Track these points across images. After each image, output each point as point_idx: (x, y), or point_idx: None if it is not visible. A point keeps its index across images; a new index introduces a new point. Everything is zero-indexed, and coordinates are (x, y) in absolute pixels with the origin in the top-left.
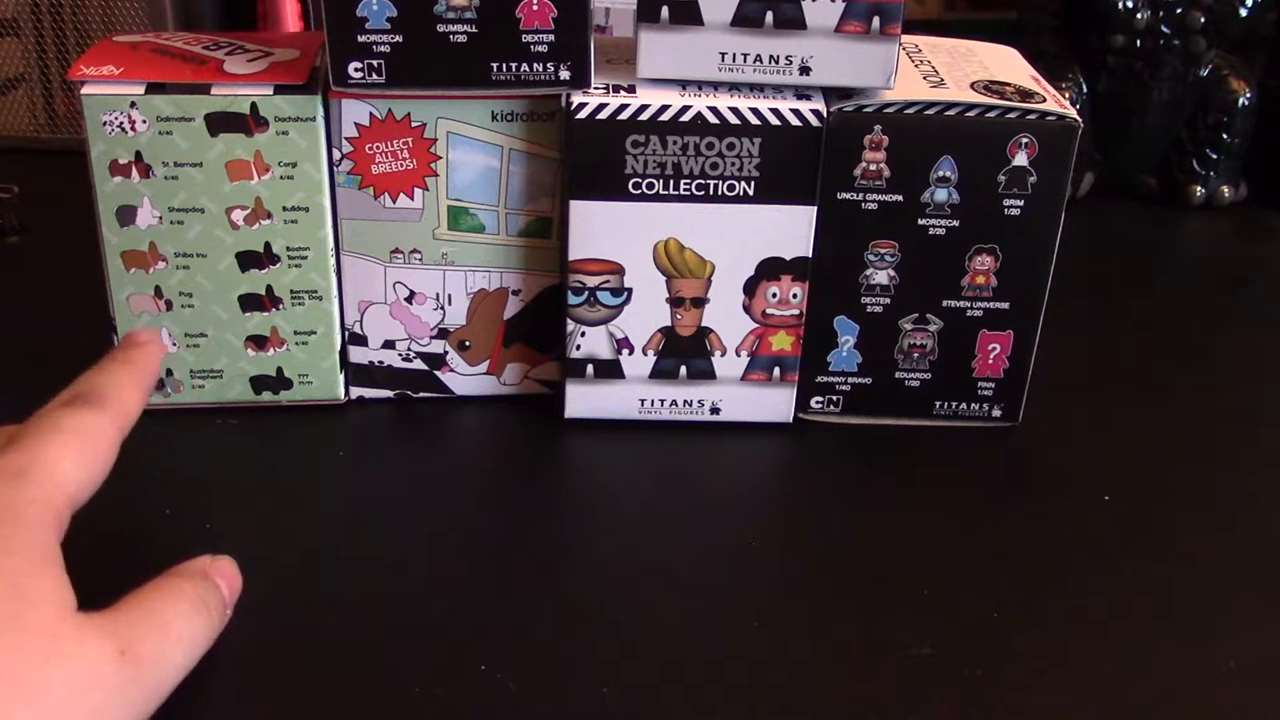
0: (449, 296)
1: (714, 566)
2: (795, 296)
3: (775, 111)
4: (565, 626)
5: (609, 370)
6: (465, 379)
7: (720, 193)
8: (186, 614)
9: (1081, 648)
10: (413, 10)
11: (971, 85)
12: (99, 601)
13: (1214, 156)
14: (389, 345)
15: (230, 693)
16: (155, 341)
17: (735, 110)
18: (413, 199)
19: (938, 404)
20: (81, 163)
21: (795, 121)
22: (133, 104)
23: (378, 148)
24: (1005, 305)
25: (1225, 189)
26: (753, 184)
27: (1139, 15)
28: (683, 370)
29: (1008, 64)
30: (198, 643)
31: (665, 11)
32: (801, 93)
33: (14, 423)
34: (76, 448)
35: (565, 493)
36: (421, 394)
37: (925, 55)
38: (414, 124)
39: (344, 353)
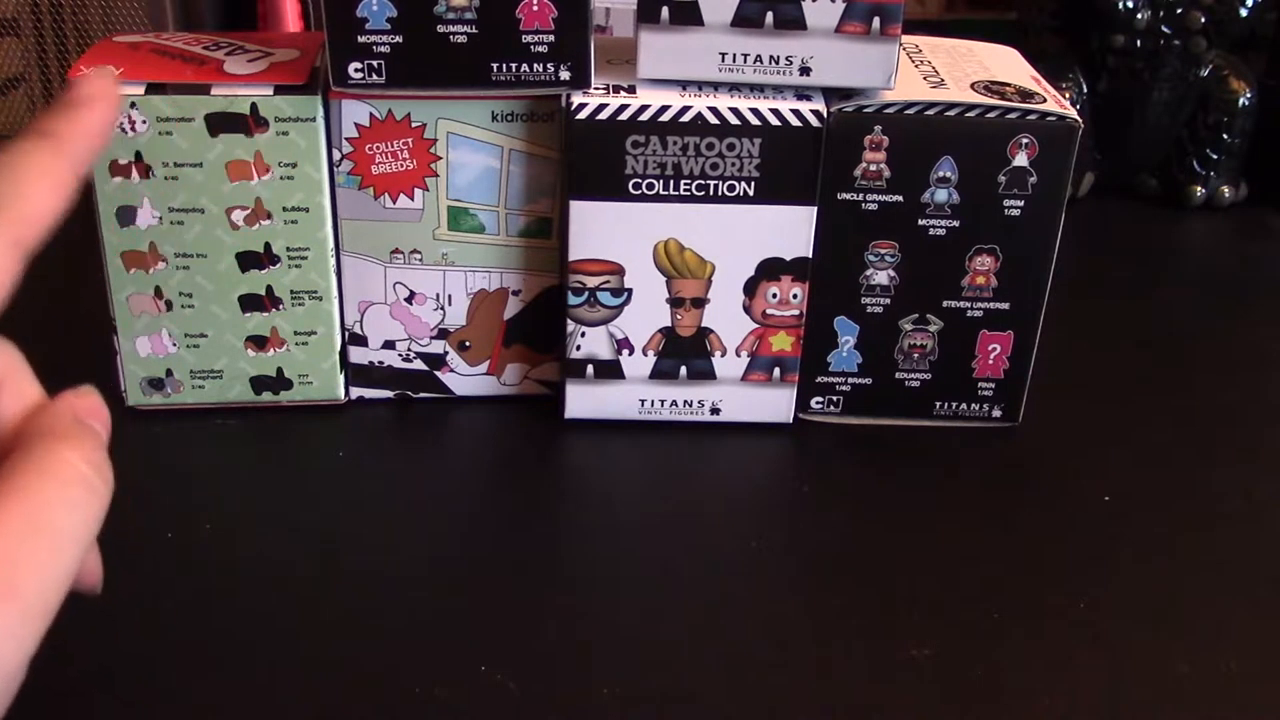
0: (449, 297)
1: (714, 567)
2: (795, 297)
3: (775, 112)
4: (565, 626)
5: (609, 370)
6: (465, 379)
7: (720, 193)
8: (74, 500)
9: (1081, 648)
10: (413, 10)
11: (971, 85)
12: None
13: (1214, 156)
14: (389, 345)
15: (229, 692)
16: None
17: (735, 110)
18: (413, 199)
19: (938, 404)
20: None
21: (795, 122)
22: (133, 104)
23: (378, 148)
24: (1005, 305)
25: (1225, 189)
26: (753, 184)
27: (1139, 15)
28: (683, 370)
29: (1008, 64)
30: (91, 528)
31: (665, 12)
32: (801, 93)
33: None
34: None
35: (565, 493)
36: (421, 394)
37: (925, 55)
38: (414, 124)
39: (344, 353)
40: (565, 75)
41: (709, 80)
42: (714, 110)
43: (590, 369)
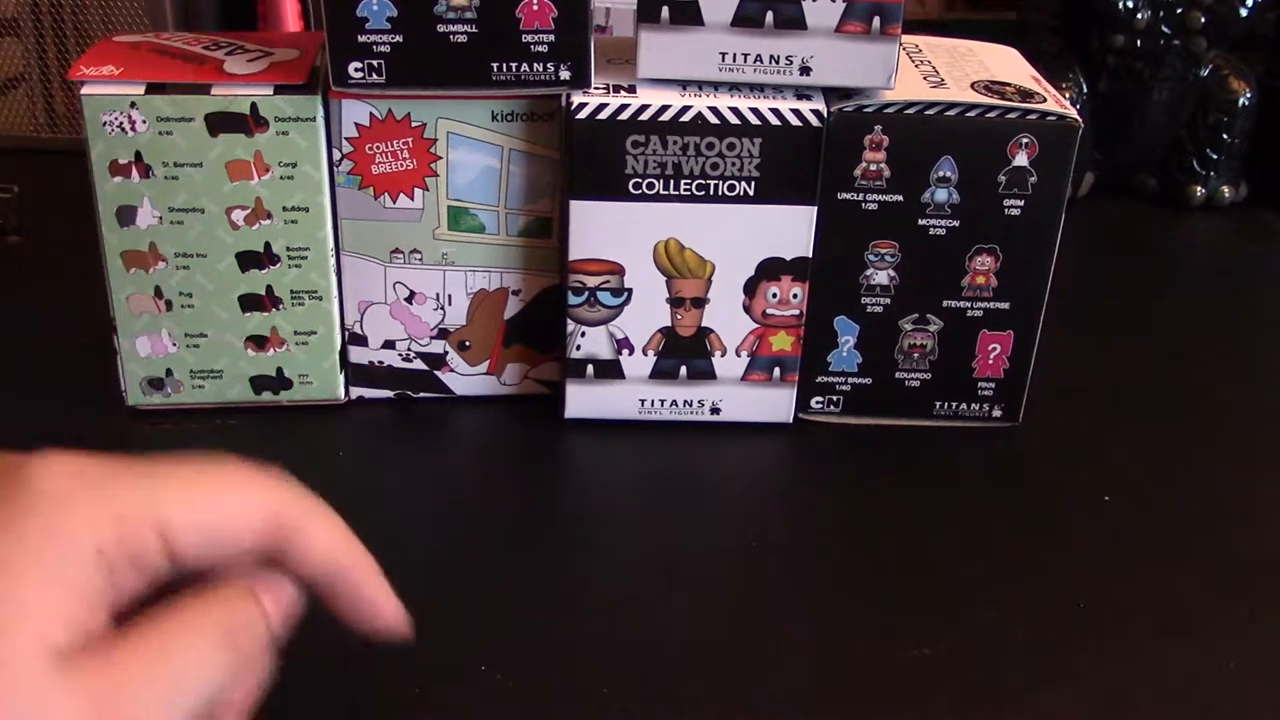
0: (449, 296)
1: (714, 566)
2: (795, 296)
3: (775, 111)
4: (565, 626)
5: (609, 370)
6: (465, 379)
7: (720, 193)
8: (205, 652)
9: (1081, 648)
10: (413, 10)
11: (971, 85)
12: None
13: (1214, 156)
14: (389, 345)
15: None
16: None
17: (735, 110)
18: (413, 199)
19: (938, 404)
20: (81, 163)
21: (795, 121)
22: (133, 104)
23: (378, 148)
24: (1005, 305)
25: (1225, 189)
26: (753, 184)
27: (1139, 15)
28: (683, 370)
29: (1008, 64)
30: (219, 679)
31: (665, 11)
32: (801, 93)
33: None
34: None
35: (565, 493)
36: (421, 394)
37: (925, 55)
38: (414, 124)
39: (344, 353)
40: (565, 75)
41: (709, 80)
42: (714, 110)
43: (590, 369)
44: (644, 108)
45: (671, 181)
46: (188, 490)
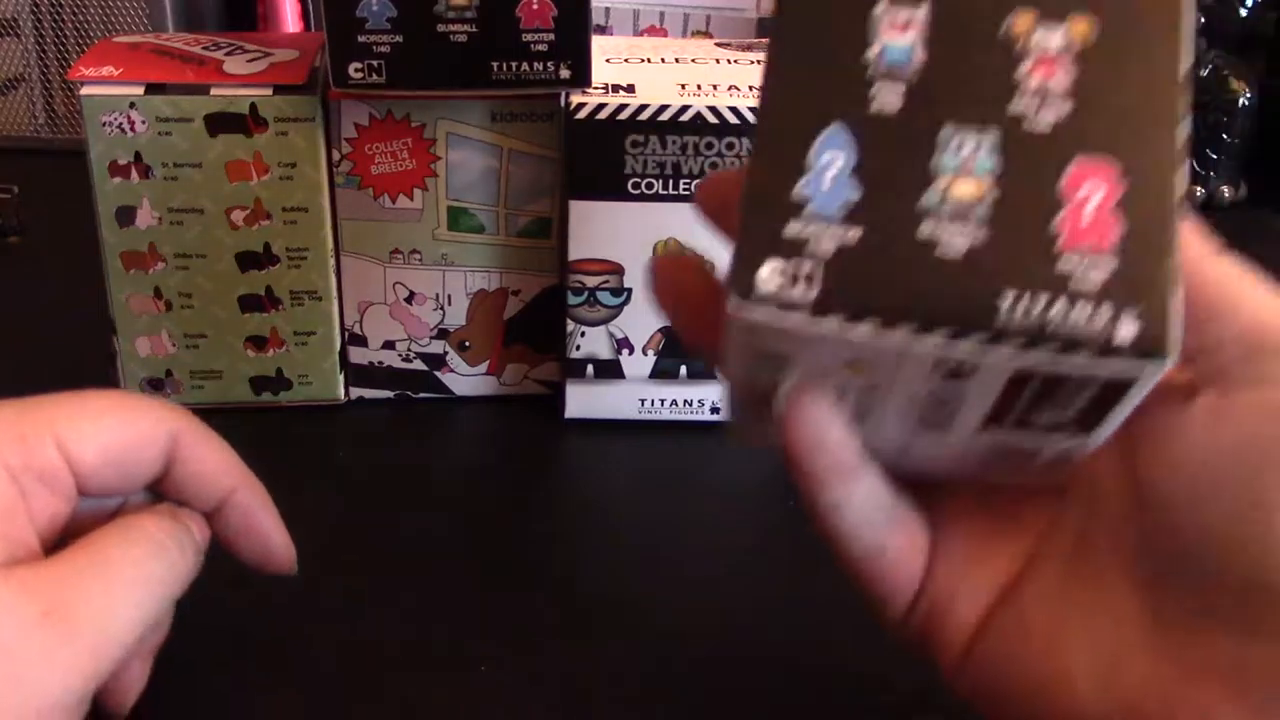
0: (449, 297)
1: (714, 566)
2: None
3: None
4: (565, 626)
5: (609, 370)
6: (465, 379)
7: None
8: (140, 557)
9: None
10: (413, 10)
11: None
12: None
13: (1214, 156)
14: (389, 345)
15: (229, 694)
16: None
17: (734, 110)
18: (412, 199)
19: None
20: (81, 163)
21: None
22: (132, 105)
23: (377, 148)
24: None
25: (1225, 189)
26: None
27: None
28: (683, 370)
29: None
30: (159, 588)
31: (590, 369)
32: None
33: None
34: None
35: (565, 493)
36: (421, 394)
37: None
38: (413, 124)
39: (344, 353)
40: (565, 74)
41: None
42: (713, 110)
43: (590, 369)
44: (643, 107)
45: (670, 181)
46: (84, 409)
